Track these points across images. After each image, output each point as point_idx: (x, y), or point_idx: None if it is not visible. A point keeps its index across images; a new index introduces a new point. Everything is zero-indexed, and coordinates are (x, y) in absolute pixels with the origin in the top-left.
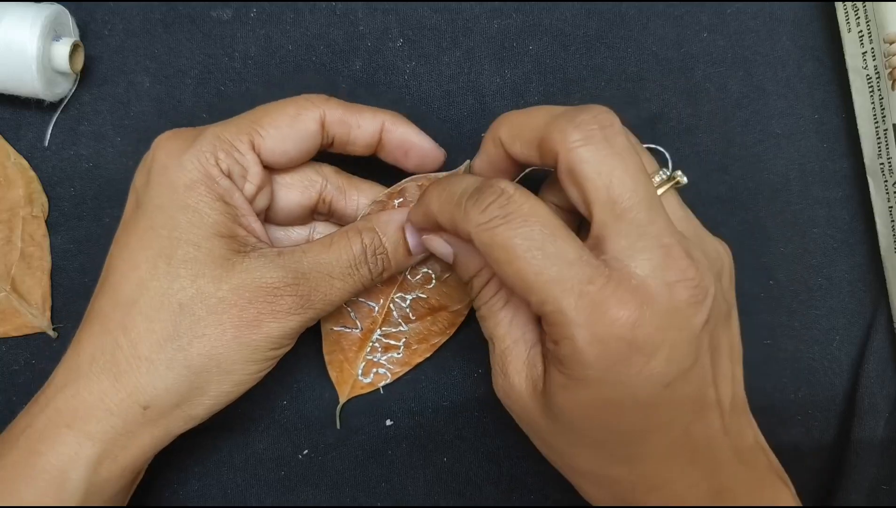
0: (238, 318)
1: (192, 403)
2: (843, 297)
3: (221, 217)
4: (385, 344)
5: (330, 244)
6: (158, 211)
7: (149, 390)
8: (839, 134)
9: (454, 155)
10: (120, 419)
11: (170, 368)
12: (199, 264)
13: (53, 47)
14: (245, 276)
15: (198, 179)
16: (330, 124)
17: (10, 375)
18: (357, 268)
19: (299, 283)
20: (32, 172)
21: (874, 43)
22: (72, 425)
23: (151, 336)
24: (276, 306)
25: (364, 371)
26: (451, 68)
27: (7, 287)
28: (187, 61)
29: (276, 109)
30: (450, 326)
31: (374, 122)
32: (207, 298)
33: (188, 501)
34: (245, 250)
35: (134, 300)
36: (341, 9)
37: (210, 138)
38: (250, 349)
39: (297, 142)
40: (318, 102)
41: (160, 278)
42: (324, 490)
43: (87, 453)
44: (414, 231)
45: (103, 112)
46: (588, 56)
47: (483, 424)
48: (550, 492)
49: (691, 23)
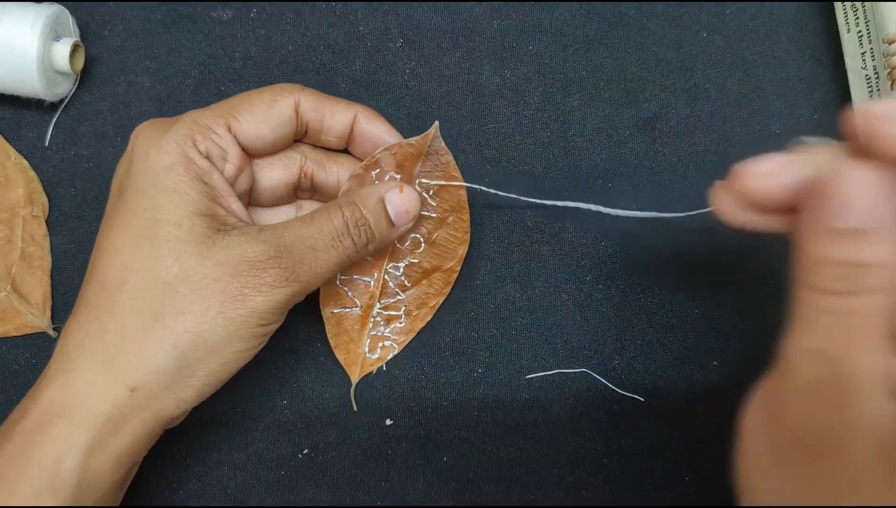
0: (222, 293)
1: (180, 384)
2: None
3: (200, 196)
4: (386, 316)
5: (311, 219)
6: (140, 194)
7: (137, 371)
8: (838, 134)
9: (454, 154)
10: (109, 402)
11: (157, 347)
12: (182, 243)
13: (54, 47)
14: (227, 251)
15: (176, 161)
16: (304, 111)
17: (10, 375)
18: (340, 240)
19: (282, 255)
20: (33, 172)
21: (873, 43)
22: (63, 413)
23: (137, 317)
24: (260, 280)
25: (370, 348)
26: (451, 68)
27: (7, 287)
28: (187, 61)
29: (252, 96)
30: (445, 285)
31: (347, 113)
32: (191, 275)
33: (188, 501)
34: (226, 228)
35: (119, 284)
36: (341, 9)
37: (187, 123)
38: (236, 325)
39: (272, 127)
40: (293, 90)
41: (144, 260)
42: (324, 489)
43: (79, 440)
44: (396, 201)
45: (103, 112)
46: (588, 56)
47: (483, 424)
48: (550, 492)
49: (691, 23)
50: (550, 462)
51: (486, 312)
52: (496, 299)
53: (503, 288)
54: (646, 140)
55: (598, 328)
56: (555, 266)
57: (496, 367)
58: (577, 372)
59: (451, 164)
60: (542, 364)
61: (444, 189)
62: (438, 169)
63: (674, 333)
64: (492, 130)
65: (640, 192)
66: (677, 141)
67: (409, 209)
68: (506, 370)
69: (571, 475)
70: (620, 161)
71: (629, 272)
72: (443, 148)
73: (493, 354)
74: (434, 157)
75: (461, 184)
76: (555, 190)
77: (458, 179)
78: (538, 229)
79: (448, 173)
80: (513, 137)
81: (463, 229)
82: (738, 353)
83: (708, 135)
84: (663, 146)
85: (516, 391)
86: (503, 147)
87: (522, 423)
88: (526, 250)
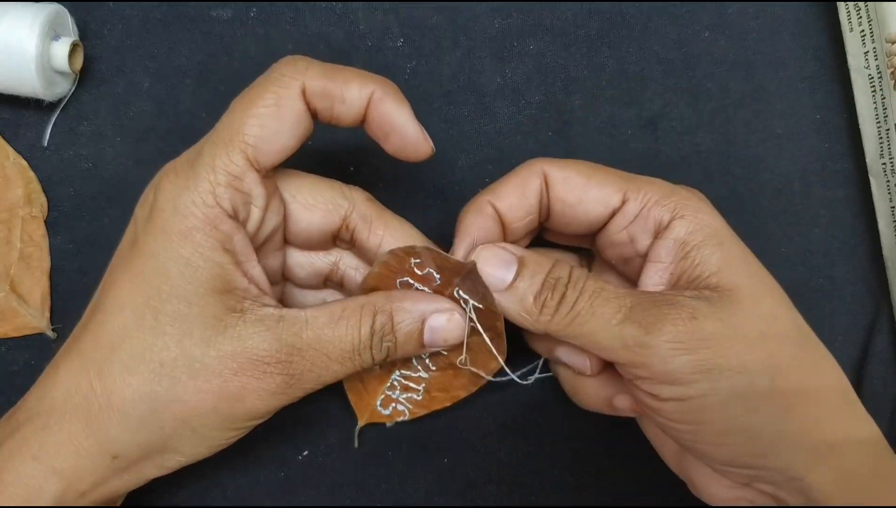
0: (221, 389)
1: (163, 456)
2: (844, 297)
3: (219, 270)
4: (404, 385)
5: (338, 319)
6: (151, 258)
7: (119, 442)
8: (841, 134)
9: (454, 154)
10: (89, 462)
11: (142, 426)
12: (188, 324)
13: (53, 47)
14: (236, 344)
15: (195, 226)
16: (312, 97)
17: (9, 375)
18: (359, 353)
19: (293, 360)
20: (32, 173)
21: (876, 42)
22: (39, 457)
23: (127, 390)
24: (263, 384)
25: (383, 404)
26: (451, 68)
27: (6, 288)
28: (187, 61)
29: (253, 104)
30: (472, 384)
31: (361, 94)
32: (191, 362)
33: (188, 501)
34: (242, 307)
35: (115, 346)
36: (341, 9)
37: (204, 174)
38: (229, 420)
39: (288, 132)
40: (296, 73)
41: (144, 331)
42: (324, 490)
43: (53, 488)
44: (437, 328)
45: (103, 112)
46: (589, 56)
47: (483, 425)
48: (550, 492)
49: (692, 22)
50: (551, 462)
51: None
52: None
53: None
54: (648, 140)
55: None
56: None
57: None
58: None
59: (490, 299)
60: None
61: (481, 312)
62: (477, 293)
63: None
64: (493, 130)
65: None
66: (679, 141)
67: (448, 338)
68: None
69: (572, 476)
70: (622, 161)
71: None
72: (483, 283)
73: None
74: (477, 278)
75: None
76: None
77: (496, 313)
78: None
79: (487, 304)
80: (514, 136)
81: (499, 349)
82: None
83: (710, 135)
84: (665, 146)
85: (516, 392)
86: (504, 147)
87: (523, 424)
88: None
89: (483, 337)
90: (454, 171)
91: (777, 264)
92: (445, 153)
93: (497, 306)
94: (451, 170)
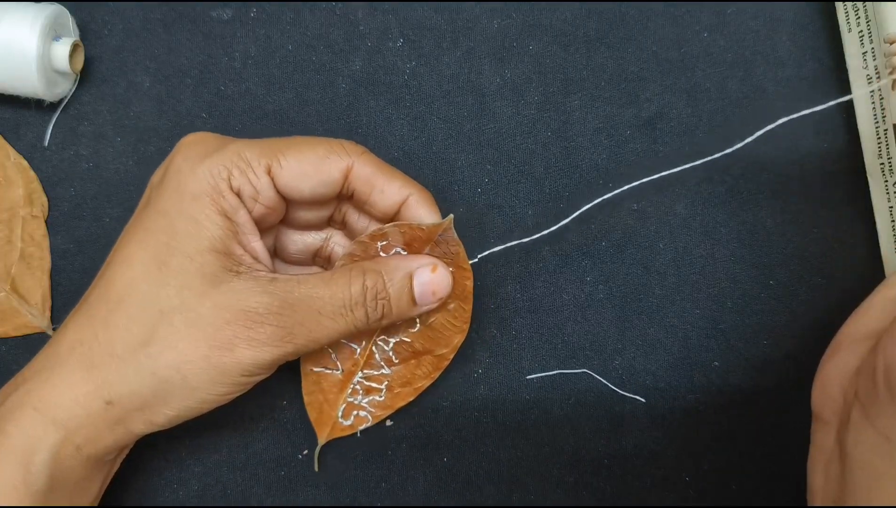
0: (212, 337)
1: (153, 410)
2: (843, 297)
3: (220, 232)
4: (366, 387)
5: (329, 280)
6: (161, 215)
7: (115, 387)
8: (839, 134)
9: (454, 155)
10: (84, 410)
11: (137, 371)
12: (189, 276)
13: (53, 47)
14: (229, 296)
15: (205, 191)
16: (355, 178)
17: (9, 375)
18: (351, 309)
19: (283, 313)
20: (32, 172)
21: (874, 43)
22: (39, 408)
23: (128, 337)
24: (253, 333)
25: (344, 413)
26: (451, 68)
27: (7, 287)
28: (187, 61)
29: (305, 145)
30: (434, 370)
31: (399, 193)
32: (188, 311)
33: (188, 501)
34: (238, 269)
35: (121, 298)
36: (341, 9)
37: (229, 154)
38: (218, 371)
39: (313, 185)
40: (351, 152)
41: (150, 283)
42: (323, 490)
43: (50, 438)
44: (425, 281)
45: (103, 112)
46: (588, 56)
47: (483, 424)
48: (551, 493)
49: (691, 23)
50: (551, 462)
51: (486, 312)
52: (496, 299)
53: (503, 288)
54: (646, 140)
55: (599, 328)
56: (555, 266)
57: (496, 367)
58: (577, 373)
59: (462, 255)
60: (543, 365)
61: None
62: (447, 257)
63: (674, 333)
64: (492, 130)
65: (641, 192)
66: (678, 141)
67: (437, 291)
68: (506, 371)
69: (572, 475)
70: (621, 161)
71: (629, 272)
72: (454, 240)
73: (493, 354)
74: (444, 245)
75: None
76: (555, 190)
77: (468, 271)
78: (538, 229)
79: (457, 264)
80: (513, 136)
81: (463, 319)
82: (739, 353)
83: (709, 135)
84: (664, 146)
85: (517, 392)
86: (503, 147)
87: (523, 424)
88: (526, 250)
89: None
90: (454, 171)
91: (776, 264)
92: (445, 153)
93: (466, 262)
94: (450, 170)
